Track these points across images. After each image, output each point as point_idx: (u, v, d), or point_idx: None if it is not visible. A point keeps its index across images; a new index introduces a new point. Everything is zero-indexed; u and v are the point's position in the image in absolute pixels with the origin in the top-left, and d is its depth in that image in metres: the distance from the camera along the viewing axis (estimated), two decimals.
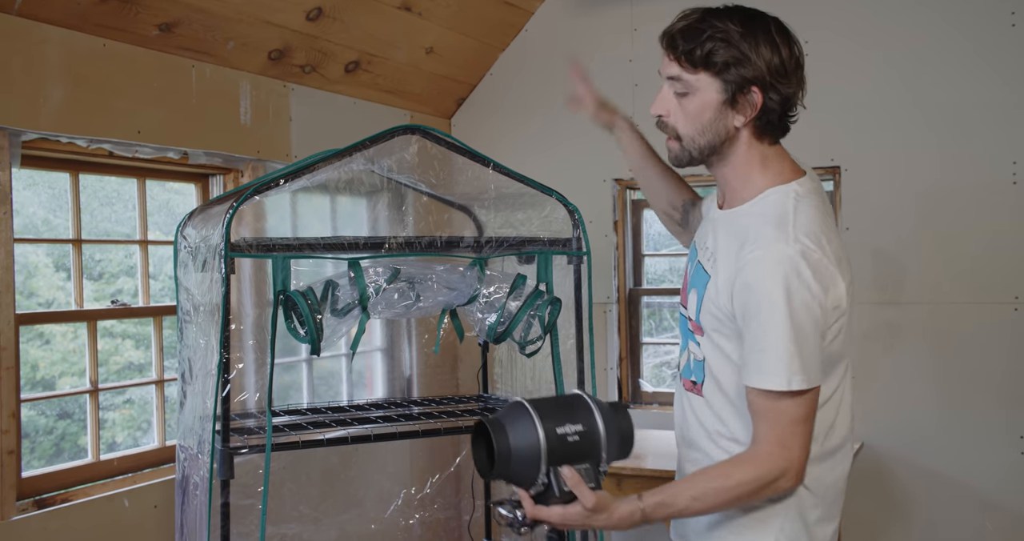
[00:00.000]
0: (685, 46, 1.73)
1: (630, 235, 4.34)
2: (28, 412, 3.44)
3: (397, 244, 2.46)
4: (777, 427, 1.68)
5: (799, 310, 1.64)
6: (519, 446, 1.65)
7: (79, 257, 3.00)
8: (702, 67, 1.73)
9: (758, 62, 1.71)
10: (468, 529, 3.31)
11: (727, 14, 1.74)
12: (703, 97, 1.75)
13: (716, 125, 1.77)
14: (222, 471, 2.29)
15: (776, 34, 1.74)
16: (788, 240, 1.67)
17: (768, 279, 1.65)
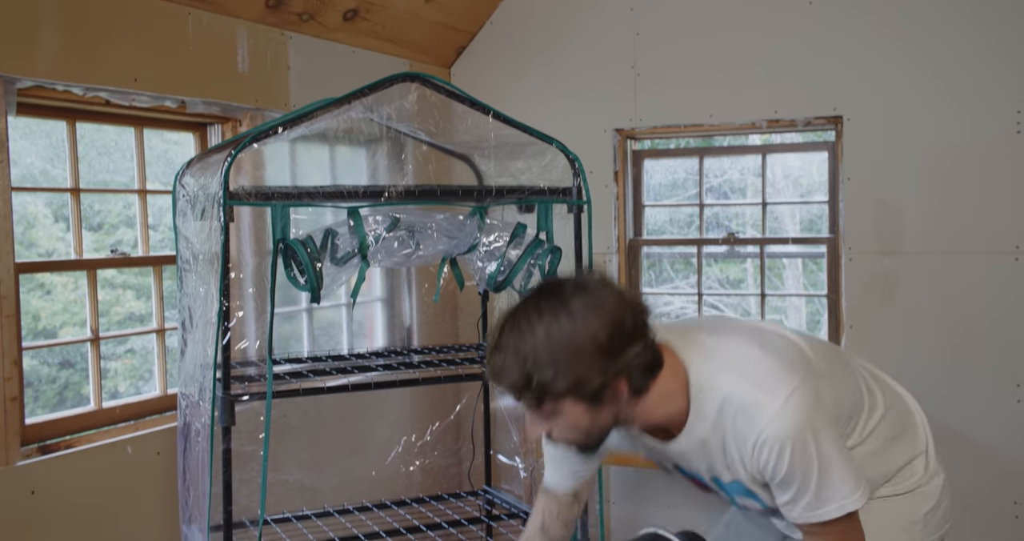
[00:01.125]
0: (520, 394, 1.59)
1: (630, 185, 4.32)
2: (31, 361, 3.46)
3: (396, 193, 2.46)
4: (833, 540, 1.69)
5: (819, 448, 1.62)
6: None
7: (77, 207, 3.00)
8: (548, 399, 1.58)
9: (594, 363, 1.55)
10: (468, 476, 3.34)
11: (529, 325, 1.55)
12: (569, 416, 1.61)
13: (597, 423, 1.65)
14: (223, 418, 2.31)
15: (587, 313, 1.55)
16: (769, 401, 1.62)
17: (777, 448, 1.61)
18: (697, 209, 4.35)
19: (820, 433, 1.62)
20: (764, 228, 4.26)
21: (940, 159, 3.69)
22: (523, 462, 3.25)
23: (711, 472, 1.76)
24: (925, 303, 3.75)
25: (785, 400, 1.60)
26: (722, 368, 1.66)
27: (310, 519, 2.89)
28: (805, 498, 1.64)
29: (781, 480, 1.63)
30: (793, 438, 1.59)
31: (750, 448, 1.62)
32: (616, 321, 1.54)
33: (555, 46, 4.32)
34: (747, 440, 1.61)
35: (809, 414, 1.61)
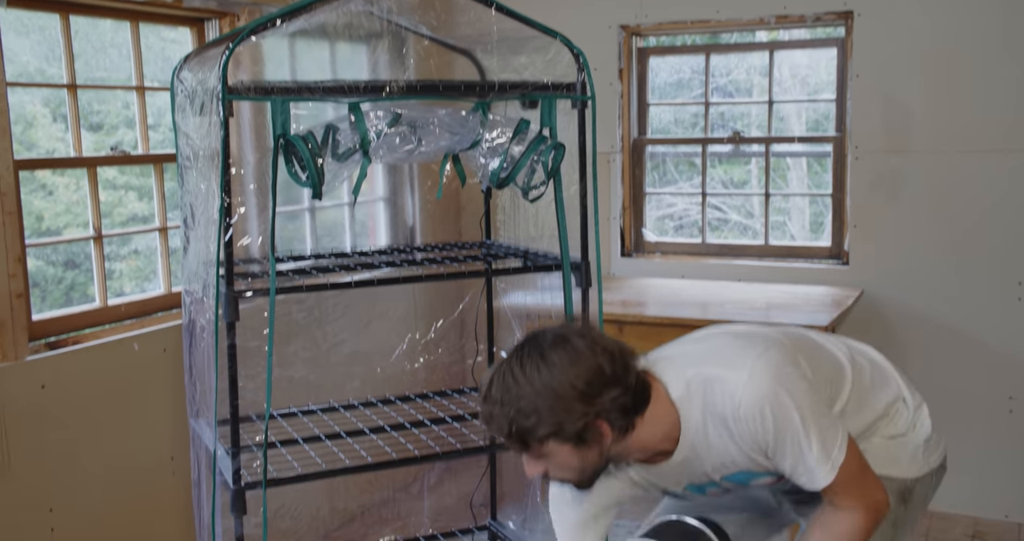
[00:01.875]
0: (506, 437, 1.70)
1: (635, 84, 4.26)
2: (36, 262, 3.47)
3: (398, 88, 2.42)
4: (849, 488, 1.78)
5: (799, 407, 1.70)
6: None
7: (75, 104, 2.96)
8: (533, 443, 1.68)
9: (572, 409, 1.65)
10: (472, 372, 3.38)
11: (513, 378, 1.67)
12: (558, 457, 1.72)
13: (587, 461, 1.74)
14: (227, 314, 2.32)
15: (564, 363, 1.65)
16: (732, 376, 1.72)
17: (757, 418, 1.70)
18: (702, 109, 4.29)
19: (793, 389, 1.72)
20: (770, 128, 4.21)
21: (951, 56, 3.63)
22: None
23: (719, 472, 1.84)
24: (930, 202, 3.73)
25: (752, 368, 1.71)
26: (693, 366, 1.77)
27: (315, 414, 2.94)
28: (806, 459, 1.72)
29: (775, 448, 1.72)
30: (769, 399, 1.69)
31: (735, 425, 1.72)
32: (593, 369, 1.66)
33: None
34: (730, 418, 1.71)
35: (777, 374, 1.72)
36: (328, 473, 2.51)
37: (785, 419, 1.69)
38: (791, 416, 1.70)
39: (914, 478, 1.99)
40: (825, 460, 1.73)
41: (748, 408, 1.69)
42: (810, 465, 1.73)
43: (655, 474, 1.89)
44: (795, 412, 1.70)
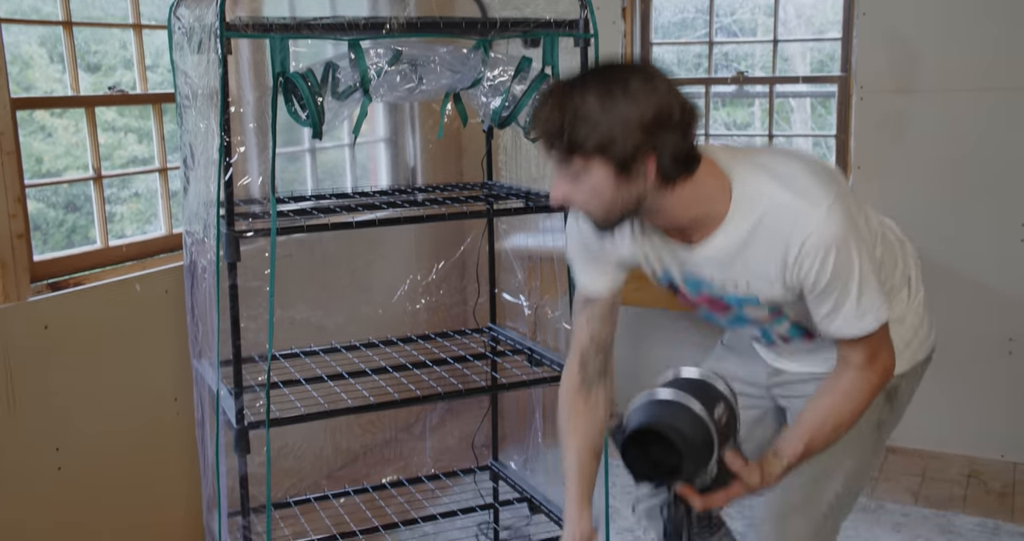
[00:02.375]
0: (553, 137, 1.61)
1: (639, 23, 4.20)
2: (37, 204, 3.45)
3: (398, 25, 2.38)
4: (868, 350, 1.79)
5: (859, 259, 1.70)
6: (695, 443, 1.61)
7: (71, 42, 2.92)
8: (578, 153, 1.60)
9: (631, 132, 1.58)
10: (473, 313, 3.39)
11: (582, 88, 1.60)
12: (594, 179, 1.63)
13: (620, 197, 1.65)
14: (228, 254, 2.31)
15: (639, 92, 1.59)
16: (810, 209, 1.67)
17: (821, 255, 1.67)
18: (706, 49, 4.24)
19: (860, 241, 1.71)
20: (774, 68, 4.16)
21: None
22: (527, 300, 3.29)
23: (725, 285, 1.81)
24: (936, 143, 3.71)
25: (828, 208, 1.66)
26: (766, 179, 1.71)
27: (318, 355, 2.95)
28: (845, 308, 1.72)
29: (822, 290, 1.71)
30: (837, 244, 1.66)
31: (794, 254, 1.68)
32: (665, 107, 1.60)
33: None
34: (791, 246, 1.68)
35: (850, 224, 1.69)
36: (330, 413, 2.53)
37: (846, 267, 1.68)
38: (852, 265, 1.69)
39: (900, 374, 1.96)
40: (863, 316, 1.74)
41: (815, 245, 1.66)
42: (848, 316, 1.73)
43: (668, 254, 1.84)
44: (856, 262, 1.69)
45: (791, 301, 1.79)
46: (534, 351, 2.89)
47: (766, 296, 1.79)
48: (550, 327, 3.17)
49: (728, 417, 1.67)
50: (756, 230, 1.70)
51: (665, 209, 1.70)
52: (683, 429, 1.58)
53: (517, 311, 3.26)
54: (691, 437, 1.58)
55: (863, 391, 1.81)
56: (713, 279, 1.82)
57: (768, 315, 1.88)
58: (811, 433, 1.80)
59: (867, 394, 1.82)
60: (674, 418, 1.60)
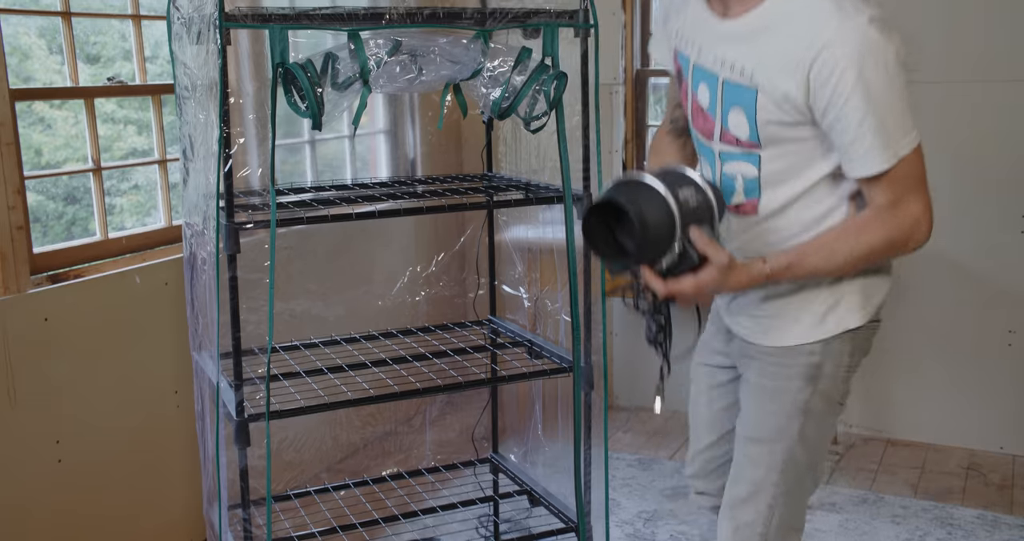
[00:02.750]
0: None
1: (639, 13, 4.19)
2: (36, 196, 3.45)
3: (398, 15, 2.37)
4: (895, 190, 1.70)
5: (889, 82, 1.64)
6: (655, 217, 1.63)
7: (70, 32, 2.91)
8: None
9: None
10: (473, 306, 3.38)
11: None
12: None
13: None
14: (228, 246, 2.31)
15: None
16: (850, 16, 1.64)
17: (850, 63, 1.62)
18: None
19: (897, 63, 1.66)
20: None
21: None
22: (527, 292, 3.28)
23: (735, 69, 1.77)
24: (935, 133, 3.70)
25: (869, 20, 1.64)
26: None
27: (318, 347, 2.95)
28: (867, 127, 1.65)
29: (845, 101, 1.64)
30: (874, 51, 1.63)
31: (822, 58, 1.64)
32: None
33: None
34: (821, 48, 1.64)
35: (886, 42, 1.65)
36: (330, 405, 2.52)
37: (877, 80, 1.63)
38: (882, 75, 1.64)
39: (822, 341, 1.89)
40: (886, 146, 1.67)
41: (850, 46, 1.63)
42: (865, 137, 1.66)
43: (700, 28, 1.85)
44: (886, 74, 1.64)
45: (787, 112, 1.73)
46: (534, 343, 2.89)
47: (768, 89, 1.73)
48: (550, 319, 3.16)
49: (698, 201, 1.68)
50: (792, 16, 1.69)
51: None
52: (640, 201, 1.63)
53: (517, 303, 3.26)
54: (647, 208, 1.62)
55: (873, 232, 1.73)
56: (722, 63, 1.79)
57: (747, 141, 1.81)
58: (802, 250, 1.77)
59: (877, 238, 1.73)
60: (631, 194, 1.65)
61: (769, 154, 1.81)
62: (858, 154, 1.69)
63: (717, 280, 1.72)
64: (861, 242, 1.74)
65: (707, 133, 1.90)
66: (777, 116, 1.75)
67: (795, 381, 1.90)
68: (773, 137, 1.78)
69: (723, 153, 1.87)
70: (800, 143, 1.78)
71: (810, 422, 1.93)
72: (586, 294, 2.65)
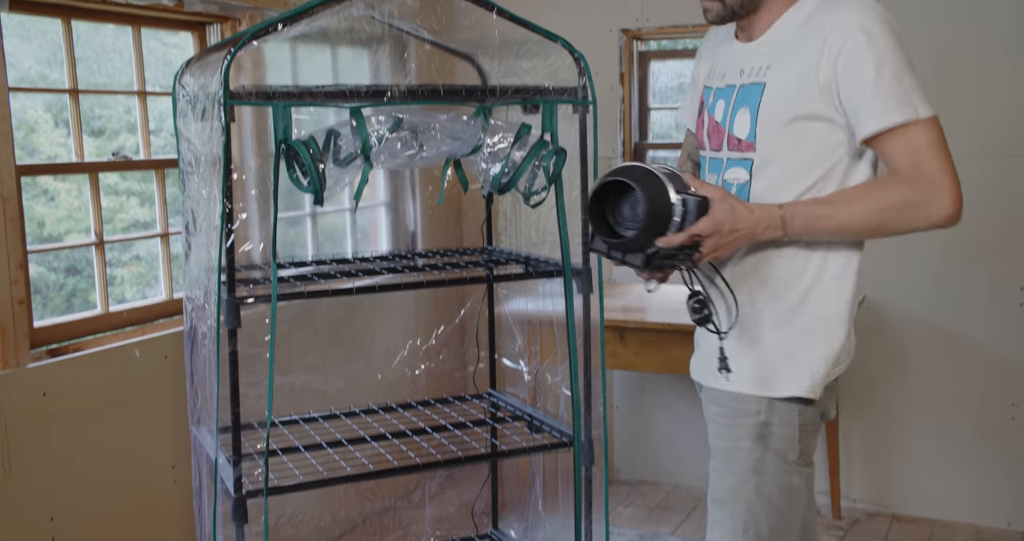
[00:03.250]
0: None
1: (636, 88, 4.26)
2: (38, 268, 3.46)
3: (399, 92, 2.41)
4: (916, 154, 1.73)
5: (898, 47, 1.73)
6: (647, 184, 1.74)
7: (77, 109, 2.95)
8: None
9: None
10: (473, 379, 3.36)
11: None
12: None
13: None
14: (229, 320, 2.31)
15: None
16: (864, 6, 1.75)
17: (860, 27, 1.72)
18: None
19: (901, 48, 1.74)
20: None
21: (953, 59, 3.63)
22: (527, 366, 3.27)
23: (752, 73, 1.87)
24: None
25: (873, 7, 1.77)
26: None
27: (317, 421, 2.93)
28: (883, 91, 1.70)
29: (860, 60, 1.71)
30: (881, 21, 1.73)
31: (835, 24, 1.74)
32: None
33: None
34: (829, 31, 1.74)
35: (896, 23, 1.76)
36: (329, 481, 2.50)
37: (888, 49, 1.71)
38: (892, 40, 1.72)
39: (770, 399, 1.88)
40: (906, 102, 1.71)
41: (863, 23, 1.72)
42: (882, 90, 1.71)
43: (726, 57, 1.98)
44: (896, 40, 1.73)
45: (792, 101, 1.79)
46: (534, 417, 2.87)
47: (777, 79, 1.81)
48: (550, 393, 3.15)
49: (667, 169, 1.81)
50: (806, 15, 1.81)
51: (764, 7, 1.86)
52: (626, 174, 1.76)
53: (517, 376, 3.24)
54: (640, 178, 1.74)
55: (889, 190, 1.74)
56: (740, 73, 1.89)
57: (745, 141, 1.87)
58: (815, 199, 1.80)
59: (892, 196, 1.74)
60: (624, 174, 1.78)
61: (761, 157, 1.86)
62: (875, 108, 1.72)
63: (728, 212, 1.75)
64: (878, 197, 1.75)
65: (718, 144, 1.97)
66: (777, 107, 1.82)
67: (745, 441, 1.91)
68: (768, 135, 1.84)
69: (729, 159, 1.94)
70: (791, 151, 1.83)
71: (766, 481, 1.90)
72: (586, 367, 2.65)
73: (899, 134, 1.73)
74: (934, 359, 3.80)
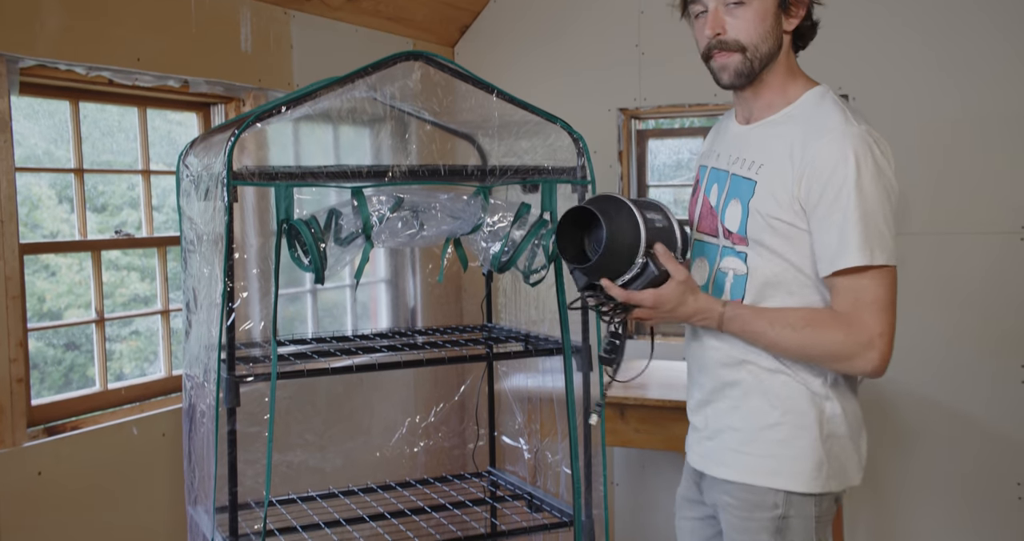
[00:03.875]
0: None
1: (635, 166, 4.31)
2: (36, 343, 3.46)
3: (400, 172, 2.44)
4: (858, 305, 1.74)
5: (875, 188, 1.72)
6: (623, 228, 1.76)
7: (81, 187, 2.99)
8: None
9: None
10: (472, 457, 3.34)
11: None
12: (762, 3, 1.81)
13: (774, 30, 1.83)
14: (228, 399, 2.30)
15: None
16: (851, 123, 1.75)
17: (843, 161, 1.71)
18: None
19: (887, 176, 1.74)
20: None
21: (945, 138, 3.68)
22: (527, 443, 3.25)
23: (744, 164, 1.87)
24: (929, 284, 3.74)
25: (868, 131, 1.77)
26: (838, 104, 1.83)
27: (315, 500, 2.90)
28: (845, 229, 1.70)
29: (836, 193, 1.70)
30: (868, 155, 1.72)
31: (819, 146, 1.73)
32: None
33: (559, 25, 4.30)
34: (821, 138, 1.74)
35: (883, 155, 1.76)
36: None
37: (860, 182, 1.70)
38: (873, 178, 1.71)
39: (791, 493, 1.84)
40: (863, 246, 1.70)
41: (842, 143, 1.71)
42: (846, 231, 1.70)
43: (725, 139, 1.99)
44: (877, 179, 1.72)
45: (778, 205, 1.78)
46: (534, 496, 2.84)
47: (766, 180, 1.80)
48: (550, 471, 3.12)
49: (665, 226, 1.81)
50: (801, 118, 1.81)
51: (774, 73, 1.86)
52: (611, 213, 1.76)
53: (517, 454, 3.22)
54: (617, 220, 1.75)
55: (826, 330, 1.75)
56: (734, 160, 1.89)
57: (737, 235, 1.86)
58: (758, 310, 1.81)
59: (827, 338, 1.74)
60: (604, 205, 1.78)
61: (754, 253, 1.86)
62: (836, 247, 1.73)
63: (675, 297, 1.77)
64: (811, 334, 1.76)
65: (712, 230, 1.96)
66: (767, 209, 1.81)
67: (763, 535, 1.87)
68: (758, 233, 1.83)
69: (724, 247, 1.93)
70: (783, 252, 1.82)
71: None
72: (587, 445, 2.63)
73: (850, 276, 1.74)
74: (937, 437, 3.77)
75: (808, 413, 1.84)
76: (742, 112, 1.97)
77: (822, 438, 1.84)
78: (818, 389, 1.85)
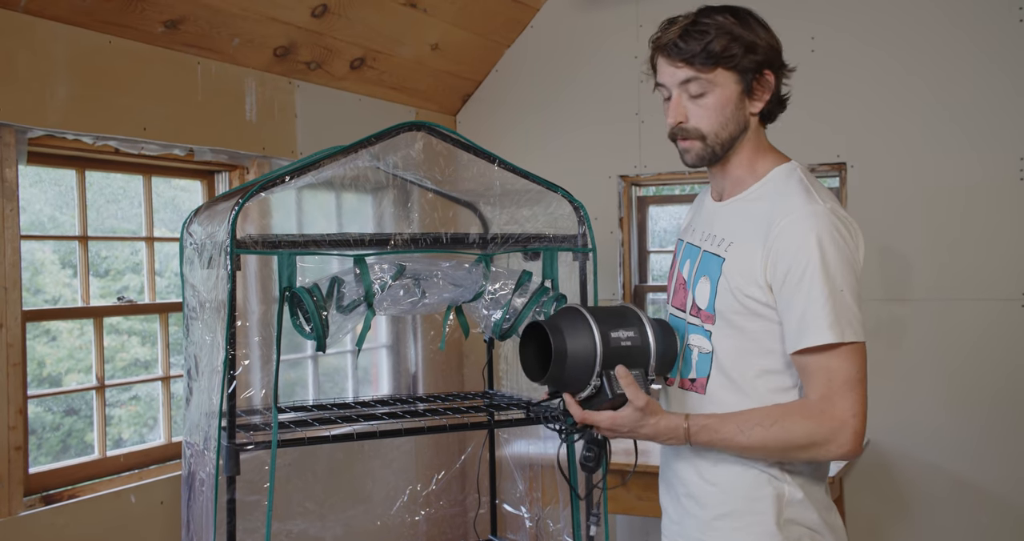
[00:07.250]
0: (692, 48, 1.76)
1: (635, 232, 4.33)
2: (35, 408, 3.45)
3: (402, 241, 2.46)
4: (830, 385, 1.68)
5: (840, 266, 1.69)
6: (575, 347, 1.71)
7: (85, 254, 3.01)
8: (717, 63, 1.75)
9: (763, 45, 1.76)
10: (474, 526, 3.30)
11: (712, 11, 1.78)
12: (723, 92, 1.79)
13: (737, 115, 1.80)
14: (228, 467, 2.29)
15: (758, 18, 1.80)
16: (815, 202, 1.73)
17: (808, 240, 1.69)
18: None
19: (852, 256, 1.71)
20: None
21: (944, 205, 3.70)
22: (528, 511, 3.22)
23: (714, 241, 1.85)
24: (932, 350, 3.73)
25: (833, 210, 1.73)
26: (803, 184, 1.79)
27: None
28: (812, 306, 1.67)
29: (802, 272, 1.68)
30: (833, 234, 1.69)
31: (784, 224, 1.71)
32: (778, 48, 1.82)
33: (560, 94, 4.36)
34: (776, 220, 1.72)
35: (851, 235, 1.73)
36: None
37: (824, 261, 1.67)
38: (838, 258, 1.68)
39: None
40: (833, 324, 1.65)
41: (806, 224, 1.69)
42: (814, 308, 1.66)
43: (701, 215, 1.96)
44: (842, 259, 1.68)
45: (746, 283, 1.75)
46: None
47: (734, 258, 1.78)
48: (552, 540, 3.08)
49: (635, 344, 1.75)
50: (769, 196, 1.78)
51: (741, 152, 1.84)
52: (563, 331, 1.71)
53: (518, 522, 3.19)
54: (568, 340, 1.70)
55: (796, 422, 1.68)
56: (705, 237, 1.87)
57: (705, 312, 1.83)
58: (723, 417, 1.75)
59: (798, 429, 1.68)
60: (562, 321, 1.74)
61: (719, 330, 1.82)
62: (804, 324, 1.69)
63: (633, 421, 1.74)
64: (783, 428, 1.70)
65: (681, 304, 1.94)
66: (734, 285, 1.78)
67: None
68: (729, 310, 1.80)
69: (690, 324, 1.89)
70: (751, 322, 1.78)
71: None
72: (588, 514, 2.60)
73: (821, 354, 1.69)
74: (941, 505, 3.73)
75: (763, 499, 1.79)
76: (715, 188, 1.95)
77: (779, 525, 1.77)
78: (776, 473, 1.80)
